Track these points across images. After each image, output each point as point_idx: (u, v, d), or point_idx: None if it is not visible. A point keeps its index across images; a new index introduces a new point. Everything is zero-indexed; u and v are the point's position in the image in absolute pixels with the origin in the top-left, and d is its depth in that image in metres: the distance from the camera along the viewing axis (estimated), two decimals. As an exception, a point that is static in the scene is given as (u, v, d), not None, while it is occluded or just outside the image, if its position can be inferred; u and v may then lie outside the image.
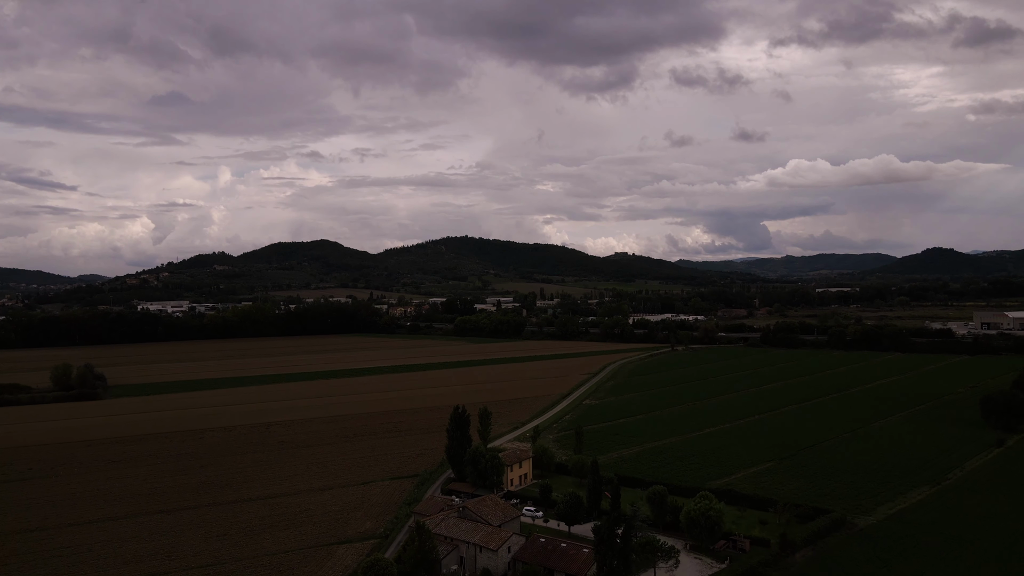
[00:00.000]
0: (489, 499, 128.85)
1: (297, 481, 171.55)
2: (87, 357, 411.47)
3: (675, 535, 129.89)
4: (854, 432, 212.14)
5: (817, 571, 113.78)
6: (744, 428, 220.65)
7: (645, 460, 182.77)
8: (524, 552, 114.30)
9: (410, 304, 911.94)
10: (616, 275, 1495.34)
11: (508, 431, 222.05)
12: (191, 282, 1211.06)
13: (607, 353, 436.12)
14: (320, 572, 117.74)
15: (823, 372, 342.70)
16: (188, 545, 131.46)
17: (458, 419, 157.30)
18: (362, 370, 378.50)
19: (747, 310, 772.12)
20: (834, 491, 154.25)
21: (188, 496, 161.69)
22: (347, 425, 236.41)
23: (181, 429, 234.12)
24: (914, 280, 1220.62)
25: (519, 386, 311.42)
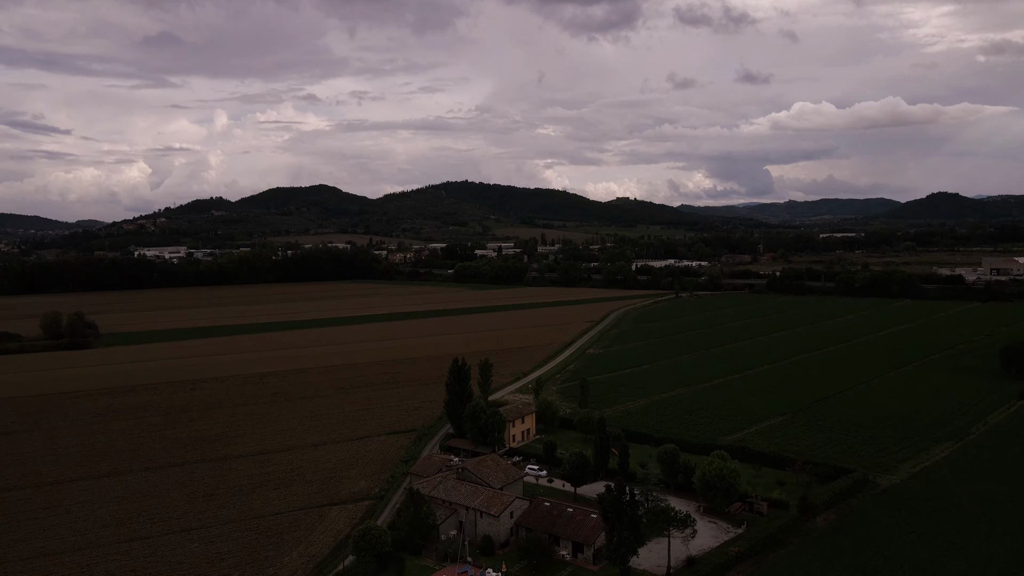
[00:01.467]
0: (490, 459, 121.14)
1: (290, 436, 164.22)
2: (80, 304, 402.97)
3: (687, 496, 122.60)
4: (868, 383, 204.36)
5: (840, 536, 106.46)
6: (754, 379, 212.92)
7: (652, 413, 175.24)
8: (528, 517, 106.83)
9: (409, 250, 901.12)
10: (617, 220, 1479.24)
11: (509, 382, 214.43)
12: (189, 228, 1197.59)
13: (610, 300, 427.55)
14: (310, 537, 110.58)
15: (832, 320, 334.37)
16: (172, 506, 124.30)
17: (457, 373, 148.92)
18: (360, 318, 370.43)
19: (751, 256, 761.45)
20: (853, 447, 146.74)
21: (175, 452, 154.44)
22: (343, 376, 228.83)
23: (172, 380, 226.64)
24: (919, 225, 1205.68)
25: (521, 334, 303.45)
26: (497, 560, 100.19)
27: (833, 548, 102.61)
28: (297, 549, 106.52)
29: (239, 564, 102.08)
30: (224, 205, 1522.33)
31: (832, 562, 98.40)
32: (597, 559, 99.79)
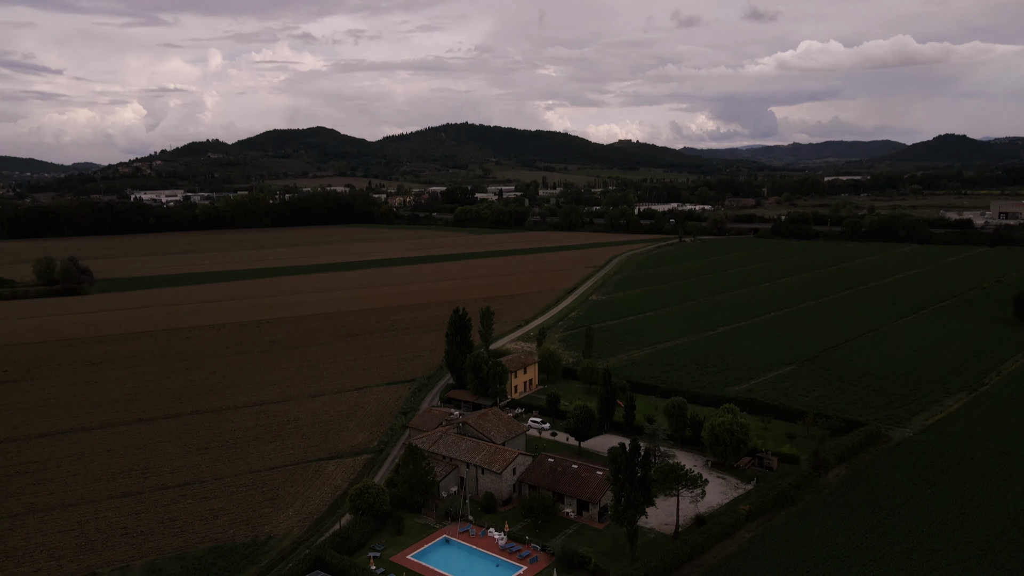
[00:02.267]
0: (492, 413, 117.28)
1: (287, 386, 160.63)
2: (74, 249, 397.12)
3: (695, 450, 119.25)
4: (877, 331, 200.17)
5: (853, 493, 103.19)
6: (760, 326, 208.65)
7: (658, 363, 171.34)
8: (531, 474, 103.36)
9: (409, 193, 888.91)
10: (619, 163, 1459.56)
11: (511, 330, 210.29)
12: (185, 170, 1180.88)
13: (613, 245, 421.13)
14: (307, 493, 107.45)
15: (839, 265, 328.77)
16: (165, 460, 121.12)
17: (458, 323, 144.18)
18: (359, 263, 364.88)
19: (755, 199, 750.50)
20: (863, 399, 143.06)
21: (170, 403, 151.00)
22: (342, 323, 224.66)
23: (168, 327, 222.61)
24: (925, 168, 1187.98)
25: (522, 280, 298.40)
26: (499, 518, 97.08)
27: (846, 505, 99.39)
28: (293, 506, 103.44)
29: (233, 521, 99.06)
30: (221, 148, 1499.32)
31: (845, 520, 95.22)
32: (602, 517, 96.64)
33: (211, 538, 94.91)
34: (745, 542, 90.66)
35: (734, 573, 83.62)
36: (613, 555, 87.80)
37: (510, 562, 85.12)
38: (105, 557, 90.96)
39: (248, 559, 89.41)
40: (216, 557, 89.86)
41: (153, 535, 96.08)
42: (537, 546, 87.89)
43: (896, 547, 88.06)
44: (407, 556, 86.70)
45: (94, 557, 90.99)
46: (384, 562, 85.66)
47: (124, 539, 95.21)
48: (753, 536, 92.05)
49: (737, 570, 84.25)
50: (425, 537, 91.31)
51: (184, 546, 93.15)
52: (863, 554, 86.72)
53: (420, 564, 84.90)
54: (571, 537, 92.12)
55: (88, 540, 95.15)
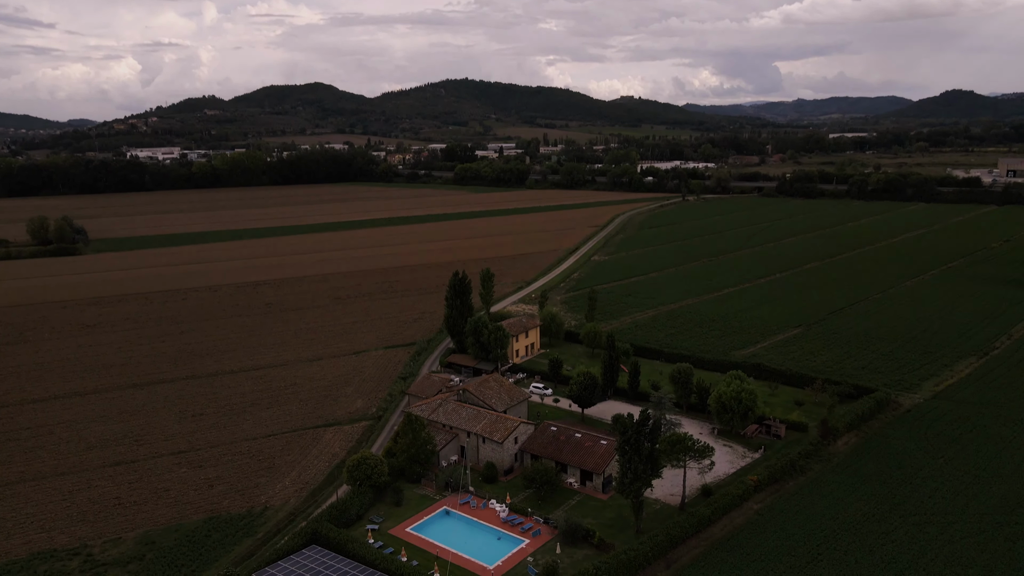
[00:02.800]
0: (493, 379, 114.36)
1: (284, 350, 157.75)
2: (69, 208, 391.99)
3: (700, 417, 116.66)
4: (885, 293, 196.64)
5: (863, 462, 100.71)
6: (765, 289, 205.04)
7: (661, 326, 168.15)
8: (533, 443, 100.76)
9: (408, 151, 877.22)
10: (621, 120, 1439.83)
11: (512, 291, 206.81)
12: (181, 127, 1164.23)
13: (615, 204, 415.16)
14: (303, 462, 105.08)
15: (845, 225, 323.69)
16: (160, 427, 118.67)
17: (457, 286, 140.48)
18: (358, 223, 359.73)
19: (759, 157, 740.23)
20: (872, 363, 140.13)
21: (165, 367, 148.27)
22: (340, 284, 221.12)
23: (163, 288, 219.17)
24: (931, 124, 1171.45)
25: (523, 240, 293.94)
26: (501, 488, 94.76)
27: (856, 475, 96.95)
28: (290, 475, 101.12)
29: (229, 491, 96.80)
30: (217, 104, 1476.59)
31: (855, 491, 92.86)
32: (607, 487, 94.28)
33: (206, 508, 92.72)
34: (753, 514, 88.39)
35: (742, 546, 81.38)
36: (617, 527, 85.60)
37: (512, 535, 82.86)
38: (97, 528, 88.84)
39: (244, 531, 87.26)
40: (211, 528, 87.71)
41: (147, 505, 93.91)
42: (540, 519, 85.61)
43: (908, 519, 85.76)
44: (406, 529, 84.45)
45: (86, 528, 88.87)
46: (383, 535, 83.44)
47: (117, 509, 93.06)
48: (761, 507, 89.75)
49: (745, 543, 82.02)
50: (425, 509, 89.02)
51: (178, 517, 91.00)
52: (874, 526, 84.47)
53: (420, 537, 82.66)
54: (574, 509, 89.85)
55: (80, 511, 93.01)
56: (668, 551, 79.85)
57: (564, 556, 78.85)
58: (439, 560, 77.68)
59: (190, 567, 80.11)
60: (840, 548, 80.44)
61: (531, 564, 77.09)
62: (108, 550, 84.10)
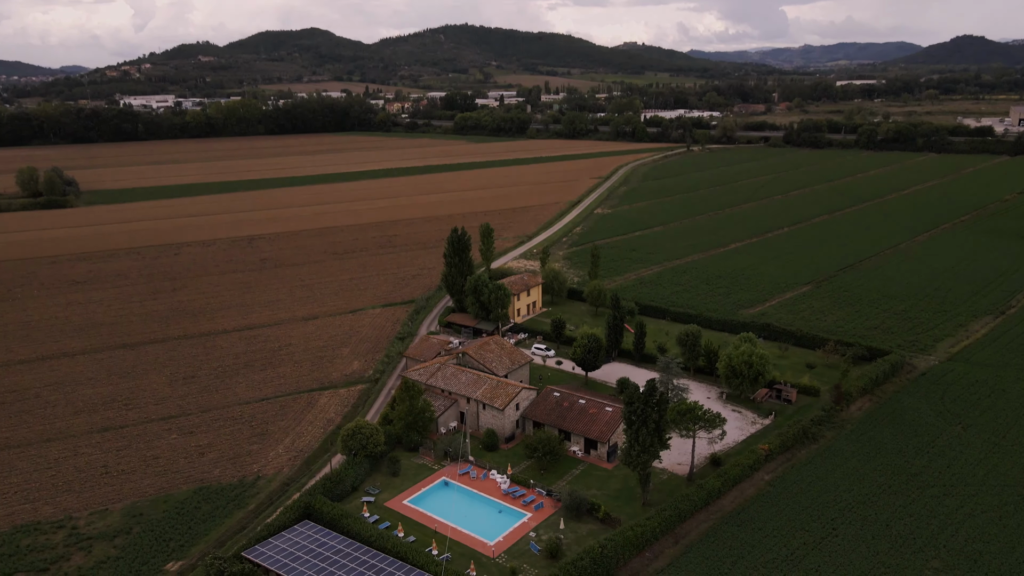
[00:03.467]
0: (493, 342, 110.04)
1: (278, 308, 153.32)
2: (60, 158, 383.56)
3: (708, 380, 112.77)
4: (896, 248, 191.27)
5: (878, 429, 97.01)
6: (773, 244, 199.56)
7: (667, 283, 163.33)
8: (535, 409, 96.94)
9: (407, 99, 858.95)
10: (624, 67, 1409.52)
11: (513, 246, 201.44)
12: (175, 75, 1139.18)
13: (618, 154, 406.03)
14: (297, 428, 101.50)
15: (854, 176, 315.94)
16: (150, 390, 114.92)
17: (456, 243, 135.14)
18: (355, 174, 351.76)
19: (765, 105, 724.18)
20: (885, 323, 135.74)
21: (156, 327, 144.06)
22: (337, 239, 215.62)
23: (155, 243, 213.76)
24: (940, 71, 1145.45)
25: (524, 192, 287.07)
26: (502, 457, 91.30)
27: (871, 443, 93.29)
28: (283, 442, 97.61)
29: (220, 460, 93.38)
30: (212, 50, 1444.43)
31: (871, 460, 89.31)
32: (611, 456, 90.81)
33: (196, 478, 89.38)
34: (764, 485, 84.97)
35: (752, 520, 78.07)
36: (623, 498, 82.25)
37: (513, 508, 79.51)
38: (83, 499, 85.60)
39: (234, 502, 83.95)
40: (200, 500, 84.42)
41: (135, 474, 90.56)
42: (542, 491, 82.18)
43: (926, 491, 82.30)
44: (403, 501, 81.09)
45: (71, 499, 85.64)
46: (379, 508, 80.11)
47: (104, 479, 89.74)
48: (772, 478, 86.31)
49: (755, 516, 78.70)
50: (423, 480, 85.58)
51: (167, 487, 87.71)
52: (891, 499, 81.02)
53: (417, 510, 79.33)
54: (578, 479, 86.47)
55: (66, 480, 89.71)
56: (676, 526, 76.56)
57: (568, 531, 75.59)
58: (437, 535, 74.46)
59: (178, 541, 76.95)
60: (855, 522, 77.12)
61: (533, 540, 73.83)
62: (94, 522, 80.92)
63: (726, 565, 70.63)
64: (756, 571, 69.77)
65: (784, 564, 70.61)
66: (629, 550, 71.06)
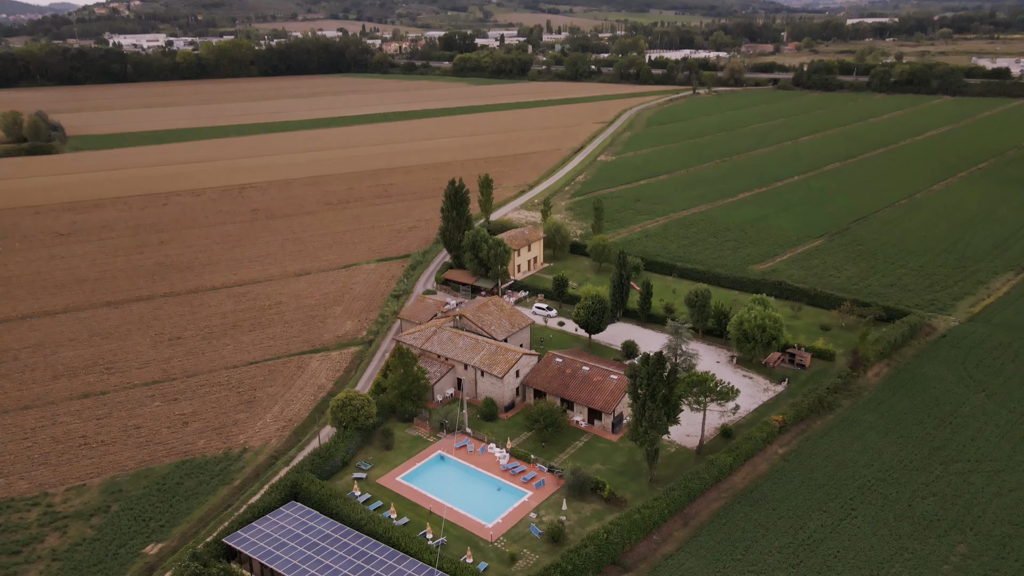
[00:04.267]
0: (492, 303, 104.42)
1: (269, 263, 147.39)
2: (46, 101, 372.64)
3: (717, 343, 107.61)
4: (911, 199, 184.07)
5: (898, 398, 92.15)
6: (783, 194, 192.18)
7: (673, 236, 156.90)
8: (536, 376, 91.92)
9: (405, 39, 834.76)
10: (628, 5, 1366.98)
11: (514, 196, 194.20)
12: (166, 12, 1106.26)
13: (622, 97, 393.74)
14: (287, 395, 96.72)
15: (866, 121, 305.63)
16: (134, 352, 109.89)
17: (453, 196, 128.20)
18: (351, 119, 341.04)
19: (774, 45, 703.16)
20: (901, 280, 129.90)
21: (142, 283, 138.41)
22: (331, 188, 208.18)
23: (143, 192, 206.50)
24: (954, 8, 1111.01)
25: (525, 138, 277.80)
26: (501, 427, 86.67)
27: (890, 413, 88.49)
28: (271, 410, 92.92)
29: (204, 430, 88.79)
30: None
31: (890, 432, 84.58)
32: (616, 427, 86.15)
33: (179, 450, 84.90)
34: (777, 459, 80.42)
35: (766, 498, 73.69)
36: (629, 474, 77.81)
37: (513, 486, 75.06)
38: (60, 473, 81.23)
39: (219, 478, 79.56)
40: (183, 474, 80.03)
41: (115, 446, 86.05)
42: (543, 466, 77.64)
43: (950, 467, 77.75)
44: (396, 478, 76.62)
45: (47, 473, 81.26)
46: (370, 485, 75.71)
47: (82, 450, 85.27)
48: (786, 451, 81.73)
49: (769, 495, 74.30)
50: (417, 453, 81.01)
51: (148, 459, 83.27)
52: (912, 476, 76.49)
53: (411, 488, 74.92)
54: (581, 452, 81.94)
55: (42, 452, 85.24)
56: (685, 506, 72.22)
57: (571, 511, 71.26)
58: (432, 517, 70.19)
59: (159, 521, 72.78)
60: (875, 502, 72.70)
61: (534, 523, 69.55)
62: (70, 499, 76.66)
63: (738, 551, 66.44)
64: (771, 557, 65.62)
65: (801, 549, 66.41)
66: (636, 534, 66.85)
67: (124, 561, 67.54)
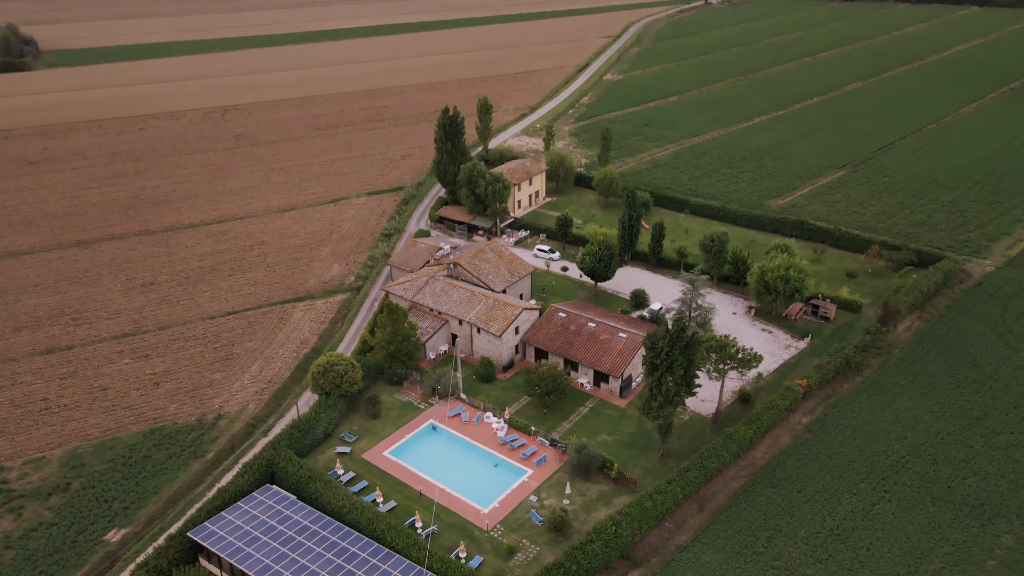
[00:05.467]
0: (490, 249, 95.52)
1: (252, 197, 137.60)
2: (18, 12, 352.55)
3: (733, 290, 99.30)
4: (939, 123, 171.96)
5: (932, 356, 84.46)
6: (802, 117, 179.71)
7: (684, 165, 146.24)
8: (538, 334, 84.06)
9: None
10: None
11: (514, 120, 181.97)
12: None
13: (630, 8, 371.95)
14: (267, 351, 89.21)
15: (888, 34, 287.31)
16: (103, 300, 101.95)
17: (448, 126, 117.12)
18: (342, 32, 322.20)
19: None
20: (931, 217, 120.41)
21: (115, 219, 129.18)
22: (319, 111, 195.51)
23: (120, 115, 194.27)
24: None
25: (527, 54, 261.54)
26: (499, 391, 79.41)
27: (923, 376, 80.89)
28: (250, 370, 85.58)
29: (177, 392, 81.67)
30: None
31: (924, 398, 77.16)
32: (625, 391, 78.89)
33: (148, 416, 78.00)
34: (801, 430, 73.39)
35: (790, 478, 66.95)
36: (638, 446, 70.98)
37: (511, 462, 68.27)
38: (18, 443, 74.60)
39: (190, 450, 72.85)
40: (152, 445, 73.31)
41: (79, 410, 79.15)
42: (545, 440, 70.67)
43: (992, 440, 70.70)
44: (383, 453, 69.80)
45: (4, 444, 74.64)
46: (355, 460, 68.98)
47: (43, 416, 78.42)
48: (811, 421, 74.61)
49: (793, 473, 67.51)
50: (407, 423, 73.94)
51: (114, 427, 76.48)
52: (951, 451, 69.52)
53: (400, 465, 68.18)
54: (586, 419, 74.91)
55: (0, 418, 78.35)
56: (701, 487, 65.62)
57: (575, 493, 64.71)
58: (422, 500, 63.72)
59: (123, 502, 66.43)
60: (911, 482, 65.94)
61: (535, 508, 63.05)
62: (28, 474, 70.21)
63: (760, 541, 60.07)
64: (796, 549, 59.30)
65: (829, 540, 60.02)
66: (647, 523, 60.39)
67: (83, 550, 61.44)
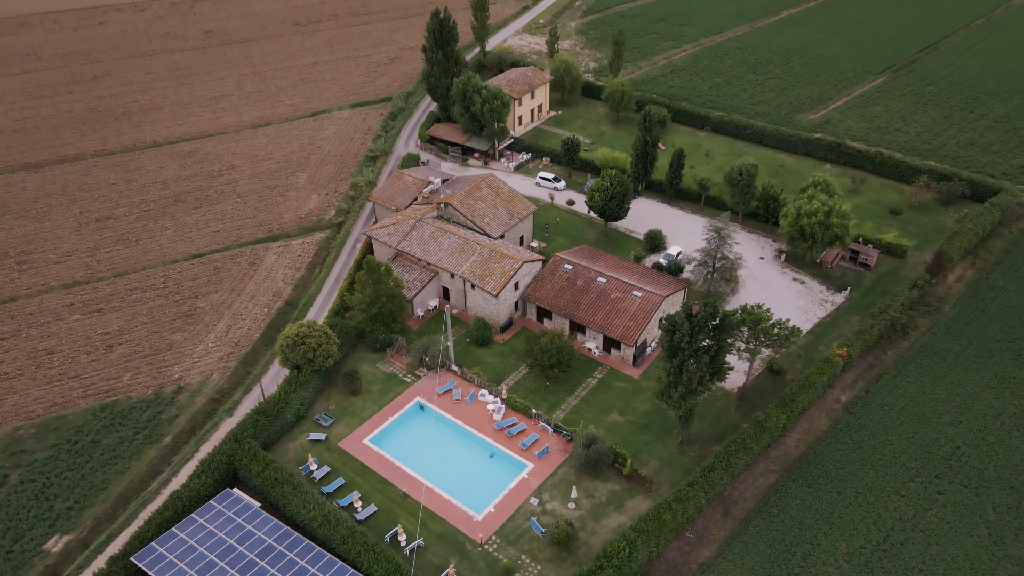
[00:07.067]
0: (486, 184, 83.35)
1: (222, 108, 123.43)
2: None
3: (761, 231, 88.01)
4: (989, 18, 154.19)
5: (986, 318, 74.28)
6: (835, 9, 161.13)
7: (703, 71, 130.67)
8: (540, 290, 73.63)
9: None
10: None
11: (514, 15, 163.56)
12: None
13: None
14: (235, 305, 79.09)
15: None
16: (53, 238, 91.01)
17: (439, 32, 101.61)
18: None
19: None
20: (983, 137, 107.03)
21: (68, 135, 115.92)
22: (299, 2, 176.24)
23: (77, 6, 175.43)
24: None
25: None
26: (496, 355, 70.01)
27: (979, 341, 71.01)
28: (215, 330, 75.77)
29: (132, 357, 72.24)
30: None
31: (981, 370, 67.67)
32: (638, 360, 69.45)
33: (99, 388, 68.97)
34: (840, 410, 64.43)
35: (827, 475, 58.45)
36: (653, 430, 62.32)
37: (509, 453, 59.68)
38: (-48, 422, 65.99)
39: (146, 432, 64.18)
40: (102, 426, 64.65)
41: (20, 380, 70.08)
42: (547, 426, 61.79)
43: (1059, 426, 61.78)
44: (363, 440, 61.12)
45: (-64, 422, 66.02)
46: (332, 450, 60.39)
47: (-18, 387, 69.45)
48: (850, 399, 65.49)
49: (832, 469, 58.96)
50: (390, 402, 64.85)
51: (61, 402, 67.62)
52: (1016, 440, 60.76)
53: (381, 456, 59.62)
54: (594, 393, 65.93)
55: (-68, 389, 69.49)
56: (727, 488, 57.28)
57: (582, 494, 56.45)
58: (407, 502, 55.55)
59: (66, 500, 58.37)
60: (968, 482, 57.46)
61: (535, 516, 54.82)
62: (-38, 463, 61.95)
63: (796, 559, 52.16)
64: (837, 569, 51.46)
65: (875, 557, 52.08)
66: (666, 537, 52.32)
67: (19, 563, 53.80)
